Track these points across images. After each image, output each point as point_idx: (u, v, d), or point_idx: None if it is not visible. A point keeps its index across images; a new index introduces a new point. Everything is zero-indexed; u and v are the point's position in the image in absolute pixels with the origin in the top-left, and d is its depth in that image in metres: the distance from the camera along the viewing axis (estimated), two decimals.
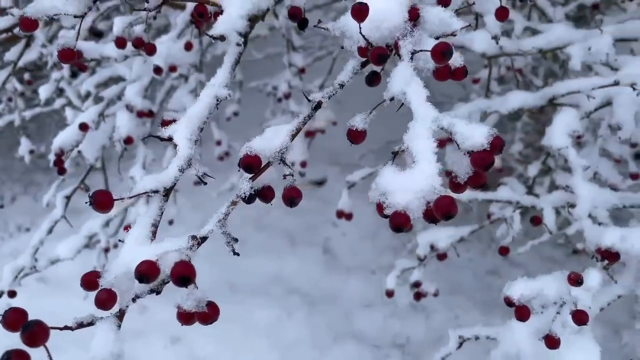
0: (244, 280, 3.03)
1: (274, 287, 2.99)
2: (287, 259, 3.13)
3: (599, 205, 0.98)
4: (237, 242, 0.61)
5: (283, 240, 3.25)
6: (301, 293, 2.95)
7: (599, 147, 1.31)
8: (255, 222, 3.33)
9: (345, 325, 2.78)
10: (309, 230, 3.27)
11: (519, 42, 1.21)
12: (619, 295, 0.91)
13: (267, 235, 3.28)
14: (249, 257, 3.18)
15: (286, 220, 3.28)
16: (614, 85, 1.02)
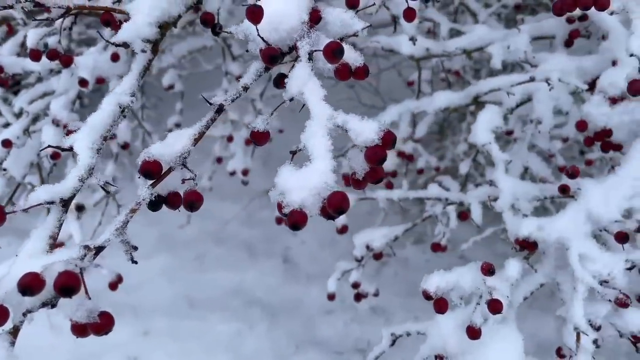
0: (203, 295, 2.98)
1: (234, 300, 2.95)
2: (246, 270, 3.10)
3: (520, 197, 1.01)
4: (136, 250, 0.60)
5: (242, 252, 3.22)
6: (262, 304, 2.92)
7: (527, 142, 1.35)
8: (213, 235, 3.28)
9: (307, 333, 2.77)
10: (268, 240, 3.25)
11: (444, 43, 1.25)
12: (541, 283, 0.93)
13: (226, 248, 3.24)
14: (208, 271, 3.14)
15: (245, 232, 3.25)
16: (530, 81, 1.06)
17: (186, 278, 3.07)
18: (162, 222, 3.33)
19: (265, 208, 3.29)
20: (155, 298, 2.99)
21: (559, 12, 0.76)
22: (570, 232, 0.89)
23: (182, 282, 3.05)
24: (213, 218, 3.29)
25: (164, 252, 3.26)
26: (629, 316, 0.89)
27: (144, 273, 3.11)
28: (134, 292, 3.00)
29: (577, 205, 0.92)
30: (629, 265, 0.88)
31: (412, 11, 0.82)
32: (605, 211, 0.91)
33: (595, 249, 0.88)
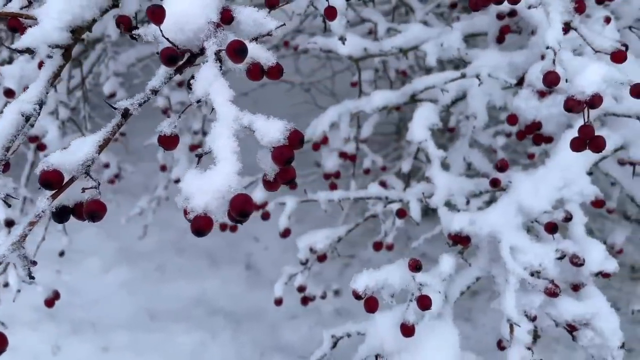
0: (164, 307, 2.91)
1: (196, 310, 2.90)
2: (208, 279, 3.05)
3: (455, 192, 1.02)
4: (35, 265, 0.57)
5: (204, 260, 3.16)
6: (225, 313, 2.88)
7: (469, 139, 1.37)
8: (174, 245, 3.22)
9: (272, 339, 2.74)
10: (229, 247, 3.21)
11: (381, 43, 1.25)
12: (477, 277, 0.94)
13: (186, 257, 3.19)
14: (169, 282, 3.07)
15: (205, 240, 3.20)
16: (461, 77, 1.07)
17: (147, 290, 3.00)
18: (120, 235, 3.25)
19: None
20: (114, 312, 2.91)
21: (475, 7, 0.77)
22: (501, 225, 0.90)
23: (143, 294, 2.97)
24: (173, 228, 3.23)
25: (123, 264, 3.18)
26: (562, 305, 0.91)
27: (102, 287, 3.03)
28: (93, 308, 2.92)
29: (508, 198, 0.93)
30: (559, 254, 0.89)
31: (332, 9, 0.81)
32: (536, 203, 0.93)
33: (526, 241, 0.89)
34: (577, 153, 1.01)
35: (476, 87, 1.12)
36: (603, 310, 0.90)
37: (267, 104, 4.06)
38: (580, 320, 0.90)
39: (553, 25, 0.80)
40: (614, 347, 0.89)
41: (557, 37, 0.78)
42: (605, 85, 0.71)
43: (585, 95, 0.71)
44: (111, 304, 2.93)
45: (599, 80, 0.71)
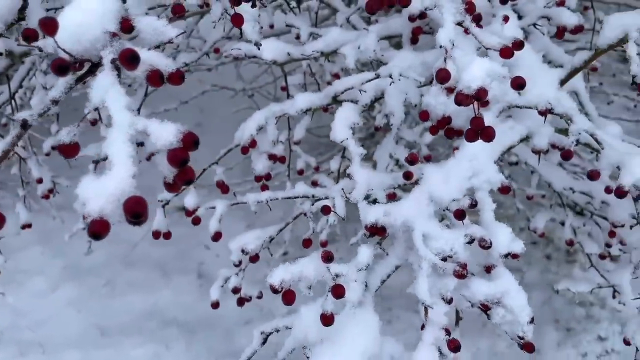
0: (115, 322, 2.86)
1: (148, 322, 2.86)
2: (160, 290, 3.02)
3: (374, 187, 1.07)
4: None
5: (154, 272, 3.12)
6: (178, 323, 2.85)
7: (394, 136, 1.43)
8: (122, 258, 3.16)
9: (226, 346, 2.74)
10: (180, 257, 3.18)
11: (303, 47, 1.29)
12: (396, 265, 0.99)
13: (136, 270, 3.14)
14: (119, 297, 3.01)
15: (155, 251, 3.16)
16: (376, 78, 1.13)
17: (96, 306, 2.94)
18: (65, 252, 3.17)
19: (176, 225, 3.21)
20: (63, 331, 2.83)
21: (370, 10, 0.82)
22: (414, 214, 0.95)
23: (92, 311, 2.91)
24: (121, 241, 3.17)
25: (70, 282, 3.09)
26: (475, 286, 0.97)
27: (49, 307, 2.94)
28: (40, 328, 2.83)
29: (420, 189, 0.98)
30: (468, 239, 0.95)
31: (238, 16, 0.85)
32: (445, 192, 0.98)
33: (437, 228, 0.95)
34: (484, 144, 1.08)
35: (392, 86, 1.18)
36: (512, 289, 0.96)
37: (212, 111, 4.06)
38: (492, 299, 0.96)
39: (445, 26, 0.86)
40: (524, 322, 0.95)
41: (449, 37, 0.84)
42: (489, 80, 0.78)
43: (472, 90, 0.77)
44: (59, 323, 2.85)
45: (483, 75, 0.77)
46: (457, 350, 0.86)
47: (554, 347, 2.55)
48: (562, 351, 2.53)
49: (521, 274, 2.93)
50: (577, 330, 2.63)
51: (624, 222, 1.43)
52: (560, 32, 1.27)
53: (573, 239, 1.55)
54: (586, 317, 2.68)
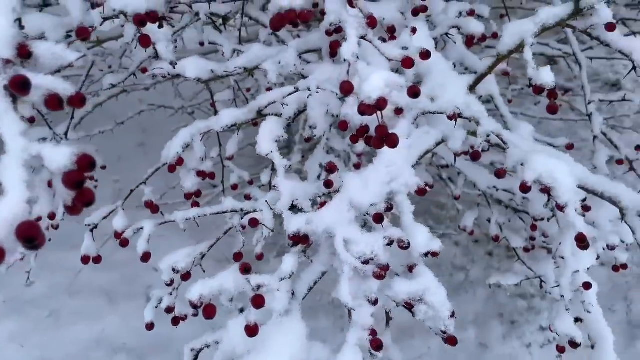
0: (61, 353, 2.75)
1: (96, 352, 2.77)
2: (107, 317, 2.93)
3: (299, 197, 1.09)
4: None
5: (100, 299, 3.03)
6: (128, 350, 2.78)
7: (324, 145, 1.47)
8: (66, 287, 3.06)
9: None
10: (127, 282, 3.10)
11: (226, 64, 1.31)
12: (323, 272, 1.02)
13: (81, 298, 3.03)
14: (64, 327, 2.90)
15: (100, 278, 3.07)
16: (295, 91, 1.16)
17: (40, 339, 2.82)
18: (5, 285, 3.03)
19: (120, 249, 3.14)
20: None
21: (274, 28, 0.85)
22: (335, 221, 0.99)
23: (36, 344, 2.78)
24: (63, 269, 3.07)
25: (11, 316, 2.96)
26: (397, 286, 1.01)
27: None
28: None
29: (341, 196, 1.02)
30: (387, 241, 0.99)
31: (145, 37, 0.86)
32: (364, 198, 1.02)
33: (357, 233, 0.98)
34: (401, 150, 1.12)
35: (314, 98, 1.21)
36: (432, 286, 1.01)
37: (154, 130, 4.00)
38: (414, 297, 1.00)
39: (349, 40, 0.90)
40: (445, 317, 1.00)
41: (352, 50, 0.88)
42: (388, 90, 0.82)
43: (373, 100, 0.82)
44: (2, 359, 2.72)
45: (382, 85, 0.82)
46: (379, 349, 0.90)
47: (500, 340, 2.65)
48: (507, 344, 2.63)
49: (466, 272, 3.04)
50: (521, 322, 2.75)
51: (543, 216, 1.52)
52: (470, 41, 1.35)
53: (499, 234, 1.63)
54: (528, 308, 2.80)
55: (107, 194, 3.52)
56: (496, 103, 1.51)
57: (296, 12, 0.81)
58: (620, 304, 2.82)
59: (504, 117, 1.49)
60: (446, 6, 1.49)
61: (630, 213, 1.06)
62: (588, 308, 1.21)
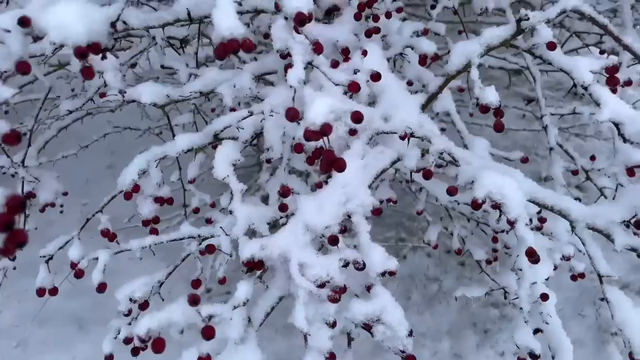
0: None
1: None
2: (78, 345, 2.86)
3: (255, 221, 1.09)
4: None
5: (70, 327, 2.96)
6: None
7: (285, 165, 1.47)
8: (33, 315, 2.97)
9: None
10: (97, 307, 3.03)
11: (182, 88, 1.31)
12: (280, 297, 1.02)
13: (51, 327, 2.96)
14: (33, 357, 2.82)
15: (70, 305, 3.00)
16: (250, 115, 1.16)
17: None
18: None
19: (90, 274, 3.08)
20: None
21: (219, 58, 0.86)
22: (290, 244, 0.99)
23: None
24: (31, 297, 2.97)
25: None
26: (355, 307, 1.01)
27: None
28: None
29: (295, 220, 1.02)
30: (342, 263, 1.00)
31: (88, 69, 0.85)
32: (319, 220, 1.03)
33: (312, 256, 0.98)
34: (355, 170, 1.14)
35: (271, 121, 1.22)
36: (389, 306, 1.01)
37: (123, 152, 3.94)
38: (372, 317, 1.01)
39: (295, 66, 0.91)
40: (403, 336, 1.00)
41: (298, 76, 0.89)
42: (332, 115, 0.83)
43: (317, 126, 0.82)
44: None
45: (326, 111, 0.83)
46: None
47: (474, 349, 2.67)
48: (481, 352, 2.65)
49: (439, 282, 3.06)
50: (494, 330, 2.77)
51: (502, 228, 1.55)
52: (422, 60, 1.38)
53: (461, 248, 1.65)
54: (500, 317, 2.83)
55: (75, 218, 3.45)
56: (453, 119, 1.54)
57: (239, 42, 0.82)
58: (590, 309, 2.87)
59: (460, 132, 1.52)
60: (401, 25, 1.52)
61: (579, 225, 1.09)
62: (546, 319, 1.23)
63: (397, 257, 3.26)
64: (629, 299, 1.02)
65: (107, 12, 0.84)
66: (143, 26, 1.25)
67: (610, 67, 0.99)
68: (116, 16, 0.84)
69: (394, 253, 3.51)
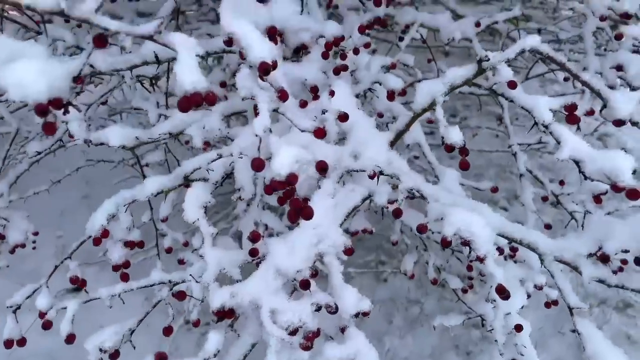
0: None
1: None
2: None
3: (226, 266, 1.08)
4: None
5: None
6: None
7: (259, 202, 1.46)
8: (7, 355, 2.88)
9: None
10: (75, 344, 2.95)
11: (151, 130, 1.30)
12: (253, 344, 1.00)
13: None
14: None
15: (44, 342, 2.90)
16: (219, 158, 1.16)
17: None
18: None
19: None
20: None
21: (182, 110, 0.86)
22: (261, 291, 0.98)
23: None
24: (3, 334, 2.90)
25: None
26: (328, 351, 1.00)
27: None
28: None
29: (266, 264, 1.01)
30: (315, 307, 0.99)
31: (51, 125, 0.84)
32: (290, 263, 1.02)
33: (284, 302, 0.98)
34: (326, 210, 1.14)
35: (241, 162, 1.22)
36: (363, 348, 1.01)
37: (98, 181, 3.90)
38: None
39: (261, 114, 0.91)
40: None
41: (263, 125, 0.90)
42: (297, 165, 0.84)
43: (282, 177, 0.83)
44: None
45: (291, 161, 0.83)
46: None
47: None
48: None
49: (420, 305, 3.06)
50: (475, 352, 2.78)
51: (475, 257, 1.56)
52: (391, 95, 1.40)
53: (437, 277, 1.66)
54: (482, 338, 2.84)
55: (50, 252, 3.38)
56: (423, 150, 1.56)
57: (202, 95, 0.82)
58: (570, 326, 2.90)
59: (431, 163, 1.54)
60: (369, 60, 1.54)
61: (548, 258, 1.10)
62: (521, 350, 1.24)
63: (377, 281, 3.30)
64: (599, 332, 1.04)
65: (69, 66, 0.84)
66: (110, 69, 1.25)
67: (568, 106, 1.02)
68: (78, 71, 0.84)
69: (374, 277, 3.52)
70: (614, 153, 0.93)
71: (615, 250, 1.00)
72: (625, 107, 1.09)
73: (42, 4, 0.79)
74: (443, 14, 1.92)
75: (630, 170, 0.91)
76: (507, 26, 2.38)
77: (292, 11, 1.31)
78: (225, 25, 0.93)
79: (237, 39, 0.91)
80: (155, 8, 2.45)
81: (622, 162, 0.91)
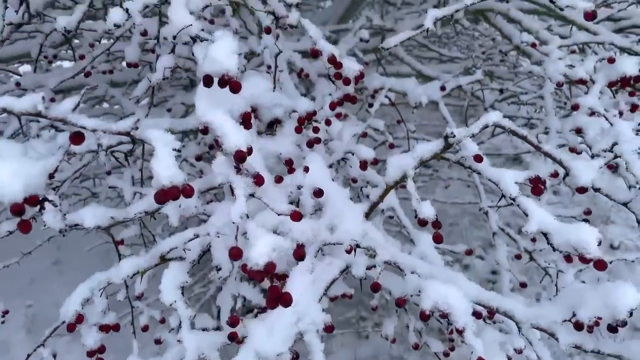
0: None
1: None
2: None
3: (205, 350, 1.07)
4: None
5: None
6: None
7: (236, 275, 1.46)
8: None
9: None
10: None
11: (126, 210, 1.30)
12: None
13: None
14: None
15: None
16: (195, 237, 1.16)
17: None
18: None
19: None
20: None
21: (159, 202, 0.86)
22: None
23: None
24: None
25: None
26: None
27: None
28: None
29: (246, 349, 1.00)
30: None
31: (26, 224, 0.84)
32: (270, 346, 1.01)
33: None
34: (304, 286, 1.14)
35: (216, 240, 1.22)
36: None
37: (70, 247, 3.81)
38: None
39: (237, 201, 0.93)
40: None
41: (240, 212, 0.91)
42: (275, 253, 0.85)
43: (260, 266, 0.83)
44: None
45: (269, 250, 0.84)
46: None
47: None
48: None
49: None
50: None
51: None
52: (363, 165, 1.44)
53: (418, 342, 1.66)
54: None
55: (20, 322, 3.25)
56: (397, 214, 1.59)
57: (179, 188, 0.83)
58: None
59: (406, 227, 1.56)
60: (341, 129, 1.59)
61: (525, 326, 1.12)
62: None
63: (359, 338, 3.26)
64: None
65: (45, 164, 0.85)
66: (85, 151, 1.26)
67: (533, 179, 1.07)
68: (54, 168, 0.84)
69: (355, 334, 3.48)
70: (578, 226, 0.97)
71: (588, 318, 1.02)
72: (586, 175, 1.14)
73: (18, 106, 0.80)
74: (409, 80, 2.01)
75: (596, 242, 0.95)
76: (471, 86, 2.50)
77: (264, 88, 1.36)
78: (201, 115, 0.96)
79: (213, 128, 0.94)
80: (128, 77, 2.49)
81: (587, 235, 0.95)
